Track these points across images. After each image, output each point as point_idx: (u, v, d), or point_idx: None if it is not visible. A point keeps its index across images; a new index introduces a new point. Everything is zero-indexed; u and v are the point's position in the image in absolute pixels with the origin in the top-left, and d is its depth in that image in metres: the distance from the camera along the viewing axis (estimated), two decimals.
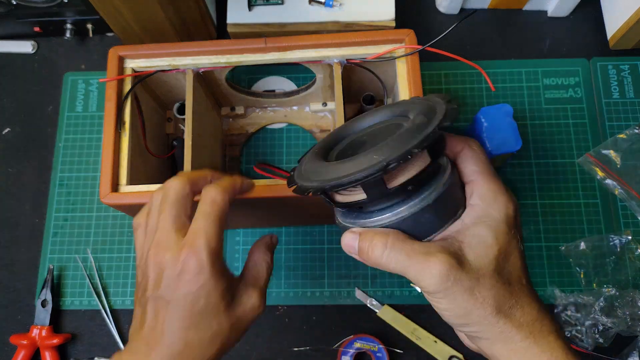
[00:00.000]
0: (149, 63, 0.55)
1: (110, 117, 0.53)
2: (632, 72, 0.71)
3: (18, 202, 0.69)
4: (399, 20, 0.65)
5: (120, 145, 0.53)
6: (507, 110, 0.61)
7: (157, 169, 0.61)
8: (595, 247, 0.64)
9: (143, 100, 0.58)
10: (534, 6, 0.74)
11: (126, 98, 0.54)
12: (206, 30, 0.71)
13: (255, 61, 0.55)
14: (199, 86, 0.57)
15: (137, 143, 0.56)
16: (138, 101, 0.57)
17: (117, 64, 0.55)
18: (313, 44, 0.54)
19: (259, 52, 0.54)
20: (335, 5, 0.65)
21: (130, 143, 0.53)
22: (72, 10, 0.68)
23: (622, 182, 0.66)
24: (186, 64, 0.55)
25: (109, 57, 0.55)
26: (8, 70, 0.74)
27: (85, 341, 0.64)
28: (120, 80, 0.54)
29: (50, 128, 0.72)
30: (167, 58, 0.55)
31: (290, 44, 0.54)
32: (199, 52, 0.55)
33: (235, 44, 0.54)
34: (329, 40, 0.54)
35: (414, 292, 0.64)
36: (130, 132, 0.54)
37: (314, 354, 0.63)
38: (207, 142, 0.60)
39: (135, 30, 0.69)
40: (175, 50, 0.55)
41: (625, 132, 0.68)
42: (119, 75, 0.54)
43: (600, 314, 0.60)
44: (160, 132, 0.65)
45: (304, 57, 0.54)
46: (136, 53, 0.55)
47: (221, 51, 0.54)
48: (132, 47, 0.55)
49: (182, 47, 0.55)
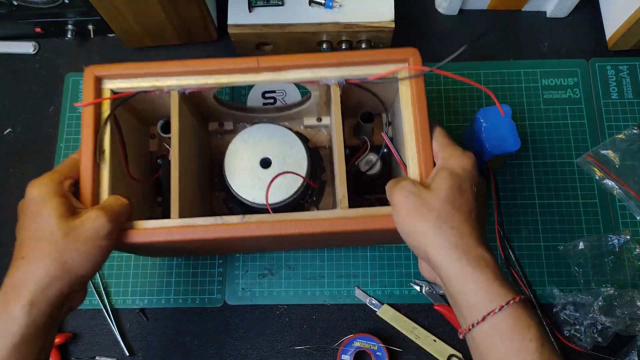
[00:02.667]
0: (130, 84, 0.50)
1: (87, 146, 0.48)
2: (631, 73, 0.71)
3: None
4: (398, 21, 0.65)
5: (99, 176, 0.48)
6: (506, 111, 0.61)
7: (141, 192, 0.58)
8: (594, 247, 0.64)
9: (123, 120, 0.53)
10: (533, 7, 0.74)
11: (105, 123, 0.49)
12: (206, 31, 0.71)
13: (247, 82, 0.50)
14: (184, 106, 0.53)
15: (119, 168, 0.51)
16: (118, 123, 0.51)
17: (93, 85, 0.49)
18: (309, 64, 0.50)
19: (251, 73, 0.50)
20: (335, 6, 0.65)
21: (111, 172, 0.49)
22: (73, 11, 0.68)
23: (621, 182, 0.66)
24: (170, 85, 0.50)
25: (84, 78, 0.49)
26: (9, 71, 0.75)
27: (86, 340, 0.64)
28: (97, 103, 0.49)
29: (51, 128, 0.72)
30: (149, 78, 0.50)
31: (285, 64, 0.50)
32: (185, 72, 0.50)
33: (224, 63, 0.49)
34: (327, 60, 0.50)
35: (414, 292, 0.64)
36: (111, 159, 0.49)
37: (314, 353, 0.63)
38: (194, 164, 0.57)
39: (136, 30, 0.69)
40: (158, 71, 0.50)
41: (623, 133, 0.68)
42: (97, 98, 0.49)
43: (599, 314, 0.60)
44: (143, 150, 0.61)
45: (300, 78, 0.50)
46: (115, 73, 0.50)
47: (209, 71, 0.50)
48: (109, 67, 0.49)
49: (166, 67, 0.50)
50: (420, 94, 0.49)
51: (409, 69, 0.49)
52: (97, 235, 0.43)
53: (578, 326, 0.61)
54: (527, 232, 0.66)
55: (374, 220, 0.47)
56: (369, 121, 0.59)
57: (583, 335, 0.61)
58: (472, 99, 0.71)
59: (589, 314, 0.60)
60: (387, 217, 0.46)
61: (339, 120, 0.51)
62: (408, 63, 0.50)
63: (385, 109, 0.56)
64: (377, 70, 0.50)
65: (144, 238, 0.47)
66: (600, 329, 0.60)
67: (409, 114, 0.50)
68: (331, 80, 0.51)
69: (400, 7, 0.73)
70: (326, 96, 0.56)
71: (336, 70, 0.50)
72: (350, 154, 0.62)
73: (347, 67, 0.50)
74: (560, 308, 0.62)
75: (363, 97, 0.56)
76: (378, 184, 0.61)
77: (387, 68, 0.50)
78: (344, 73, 0.50)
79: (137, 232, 0.47)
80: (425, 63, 0.50)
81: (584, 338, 0.61)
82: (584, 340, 0.61)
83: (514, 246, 0.66)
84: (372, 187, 0.62)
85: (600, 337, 0.60)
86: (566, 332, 0.62)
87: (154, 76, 0.50)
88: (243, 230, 0.47)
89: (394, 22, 0.65)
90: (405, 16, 0.75)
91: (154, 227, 0.48)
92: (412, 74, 0.49)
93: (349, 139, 0.63)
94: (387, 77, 0.50)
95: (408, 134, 0.49)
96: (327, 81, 0.51)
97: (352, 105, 0.59)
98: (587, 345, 0.60)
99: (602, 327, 0.60)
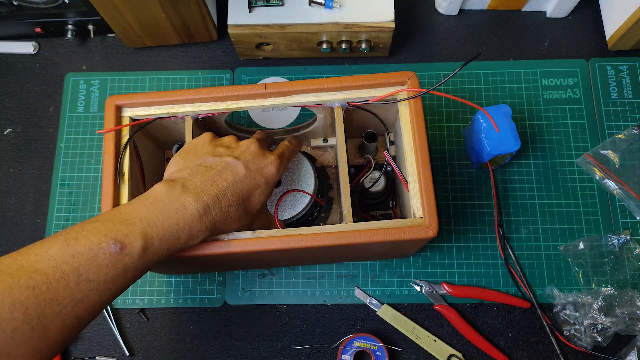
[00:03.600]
0: (147, 111, 0.54)
1: (109, 169, 0.51)
2: (631, 73, 0.71)
3: (19, 202, 0.69)
4: (398, 21, 0.65)
5: (119, 195, 0.52)
6: (506, 111, 0.61)
7: None
8: (594, 247, 0.64)
9: (141, 144, 0.57)
10: (533, 7, 0.74)
11: (125, 148, 0.53)
12: (207, 31, 0.71)
13: (256, 106, 0.54)
14: (198, 130, 0.56)
15: (137, 189, 0.54)
16: (136, 147, 0.55)
17: (114, 113, 0.53)
18: (314, 89, 0.53)
19: (259, 98, 0.53)
20: (335, 6, 0.65)
21: (129, 192, 0.52)
22: (73, 11, 0.68)
23: (621, 182, 0.66)
24: (185, 111, 0.54)
25: (106, 107, 0.53)
26: (9, 71, 0.75)
27: (87, 340, 0.64)
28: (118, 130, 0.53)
29: (51, 128, 0.72)
30: (165, 106, 0.54)
31: (291, 89, 0.53)
32: (198, 99, 0.53)
33: (234, 90, 0.53)
34: (330, 85, 0.53)
35: (414, 292, 0.65)
36: (130, 181, 0.52)
37: (314, 353, 0.63)
38: None
39: (136, 31, 0.69)
40: (173, 99, 0.53)
41: (623, 133, 0.68)
42: (117, 125, 0.53)
43: (599, 314, 0.60)
44: (159, 173, 0.63)
45: (305, 102, 0.53)
46: (134, 102, 0.53)
47: (220, 98, 0.53)
48: (129, 97, 0.53)
49: (181, 95, 0.53)
50: (419, 113, 0.51)
51: (407, 91, 0.52)
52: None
53: (578, 326, 0.61)
54: (527, 232, 0.66)
55: (376, 233, 0.48)
56: (373, 141, 0.61)
57: (583, 335, 0.61)
58: (471, 99, 0.71)
59: (589, 314, 0.60)
60: (388, 230, 0.48)
61: (342, 140, 0.54)
62: (406, 85, 0.52)
63: (387, 129, 0.58)
64: (378, 93, 0.53)
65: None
66: (600, 329, 0.60)
67: (408, 132, 0.52)
68: (334, 103, 0.54)
69: (400, 7, 0.74)
70: (331, 118, 0.58)
71: (339, 94, 0.53)
72: (356, 172, 0.64)
73: (349, 90, 0.53)
74: (560, 308, 0.63)
75: (366, 118, 0.58)
76: (382, 200, 0.63)
77: (387, 90, 0.53)
78: (346, 96, 0.53)
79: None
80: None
81: (584, 338, 0.61)
82: (584, 340, 0.61)
83: (514, 246, 0.66)
84: (377, 203, 0.64)
85: (600, 337, 0.60)
86: (566, 332, 0.62)
87: (169, 103, 0.54)
88: (253, 244, 0.48)
89: (394, 22, 0.65)
90: (405, 16, 0.75)
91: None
92: (410, 96, 0.52)
93: (355, 157, 0.66)
94: (387, 99, 0.53)
95: (408, 152, 0.52)
96: (330, 104, 0.54)
97: (357, 125, 0.61)
98: (587, 345, 0.61)
99: (602, 327, 0.60)
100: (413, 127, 0.52)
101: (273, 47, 0.69)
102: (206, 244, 0.48)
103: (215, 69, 0.74)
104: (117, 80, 0.73)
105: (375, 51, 0.70)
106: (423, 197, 0.49)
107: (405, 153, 0.52)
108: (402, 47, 0.74)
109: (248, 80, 0.72)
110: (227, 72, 0.73)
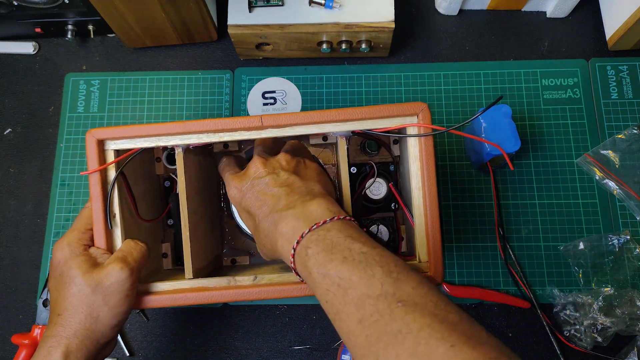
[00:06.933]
0: (133, 144, 0.49)
1: (98, 214, 0.48)
2: (631, 73, 0.71)
3: (19, 203, 0.69)
4: (398, 21, 0.65)
5: (112, 239, 0.49)
6: (506, 111, 0.61)
7: (151, 228, 0.58)
8: (594, 247, 0.64)
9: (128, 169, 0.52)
10: (533, 7, 0.74)
11: (113, 186, 0.49)
12: (207, 31, 0.71)
13: (252, 137, 0.49)
14: (189, 156, 0.52)
15: (128, 211, 0.51)
16: (125, 176, 0.51)
17: (96, 148, 0.48)
18: (315, 121, 0.48)
19: (255, 130, 0.49)
20: (335, 6, 0.65)
21: (122, 233, 0.49)
22: (73, 11, 0.68)
23: (621, 182, 0.66)
24: (174, 144, 0.49)
25: (87, 142, 0.48)
26: (9, 71, 0.75)
27: None
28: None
29: (51, 128, 0.72)
30: (152, 138, 0.49)
31: (289, 123, 0.48)
32: (188, 131, 0.48)
33: (227, 123, 0.48)
34: (333, 117, 0.48)
35: None
36: (122, 221, 0.49)
37: (314, 353, 0.63)
38: (204, 200, 0.57)
39: (136, 31, 0.69)
40: (160, 132, 0.48)
41: (623, 133, 0.68)
42: (101, 159, 0.48)
43: (599, 314, 0.60)
44: (150, 175, 0.60)
45: (306, 132, 0.49)
46: (117, 136, 0.48)
47: (213, 130, 0.48)
48: (111, 130, 0.48)
49: (168, 129, 0.48)
50: (429, 153, 0.47)
51: (418, 126, 0.47)
52: (122, 287, 0.46)
53: (578, 326, 0.61)
54: (527, 232, 0.66)
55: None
56: (376, 149, 0.59)
57: (583, 335, 0.61)
58: (472, 99, 0.71)
59: (589, 314, 0.60)
60: None
61: (345, 172, 0.51)
62: (417, 117, 0.48)
63: (392, 157, 0.55)
64: (385, 124, 0.48)
65: (160, 303, 0.49)
66: (600, 329, 0.60)
67: (416, 169, 0.49)
68: (338, 134, 0.50)
69: (400, 7, 0.74)
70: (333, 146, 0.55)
71: (343, 125, 0.49)
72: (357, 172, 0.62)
73: (354, 122, 0.49)
74: (560, 308, 0.63)
75: None
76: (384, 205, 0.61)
77: (395, 122, 0.48)
78: (350, 127, 0.49)
79: (154, 297, 0.49)
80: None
81: (584, 338, 0.61)
82: (584, 340, 0.61)
83: (514, 246, 0.66)
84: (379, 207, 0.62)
85: (600, 337, 0.60)
86: (566, 332, 0.62)
87: (157, 136, 0.49)
88: (255, 293, 0.48)
89: (394, 22, 0.65)
90: (405, 16, 0.75)
91: (168, 290, 0.50)
92: (422, 133, 0.47)
93: (357, 155, 0.63)
94: (394, 131, 0.49)
95: (415, 191, 0.49)
96: (334, 134, 0.50)
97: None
98: (587, 345, 0.60)
99: (602, 327, 0.60)
100: (422, 166, 0.48)
101: (273, 47, 0.69)
102: (203, 294, 0.48)
103: (215, 69, 0.74)
104: (117, 81, 0.73)
105: (375, 51, 0.70)
106: (430, 243, 0.47)
107: (413, 191, 0.49)
108: (402, 47, 0.74)
109: (248, 80, 0.72)
110: (227, 72, 0.73)
